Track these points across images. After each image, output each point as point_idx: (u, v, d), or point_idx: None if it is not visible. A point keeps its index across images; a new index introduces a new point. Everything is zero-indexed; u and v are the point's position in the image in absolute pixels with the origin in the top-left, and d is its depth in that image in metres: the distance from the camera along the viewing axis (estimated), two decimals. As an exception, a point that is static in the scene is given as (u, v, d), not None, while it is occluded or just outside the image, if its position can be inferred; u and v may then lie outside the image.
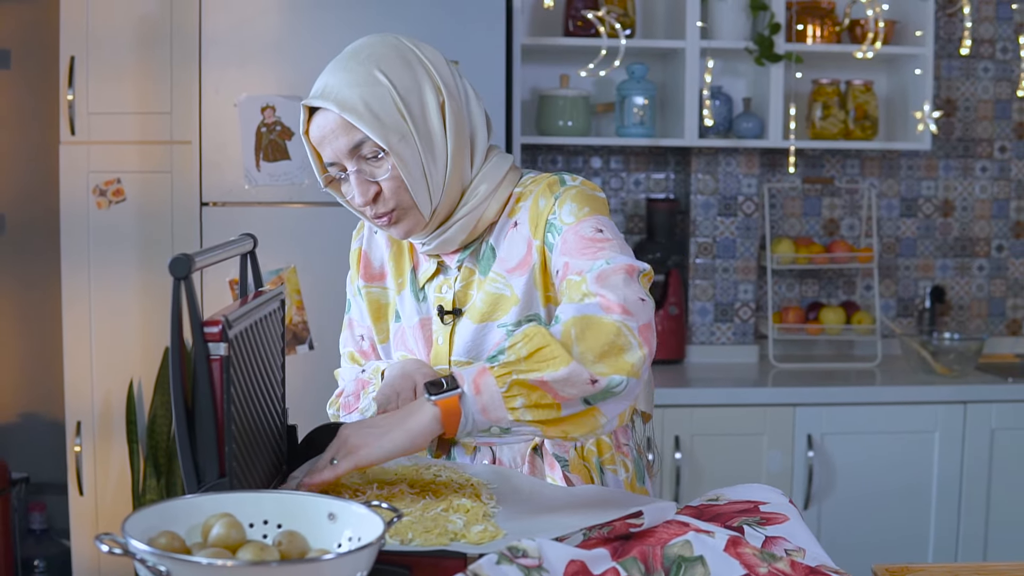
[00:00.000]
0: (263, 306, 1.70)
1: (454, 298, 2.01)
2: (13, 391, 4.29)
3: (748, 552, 1.45)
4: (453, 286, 2.02)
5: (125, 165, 3.79)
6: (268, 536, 1.35)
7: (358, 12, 3.51)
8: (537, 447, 1.99)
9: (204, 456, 1.47)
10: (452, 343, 2.01)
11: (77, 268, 3.78)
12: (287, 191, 3.52)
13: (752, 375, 4.09)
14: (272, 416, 1.73)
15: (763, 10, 4.06)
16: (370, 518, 1.31)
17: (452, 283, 2.02)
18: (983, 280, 4.55)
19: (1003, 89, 4.49)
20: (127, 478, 3.81)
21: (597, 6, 4.05)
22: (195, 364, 1.45)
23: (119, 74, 3.76)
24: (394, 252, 2.10)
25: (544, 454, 1.99)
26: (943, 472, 3.87)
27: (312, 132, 1.91)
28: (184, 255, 1.43)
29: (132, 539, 1.20)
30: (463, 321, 2.00)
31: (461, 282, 2.02)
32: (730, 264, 4.28)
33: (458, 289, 2.01)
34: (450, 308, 2.01)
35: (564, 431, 1.66)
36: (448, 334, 2.01)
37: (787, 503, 1.68)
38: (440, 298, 2.03)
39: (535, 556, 1.35)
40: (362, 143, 1.87)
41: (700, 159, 4.23)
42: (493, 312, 1.97)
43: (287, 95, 3.50)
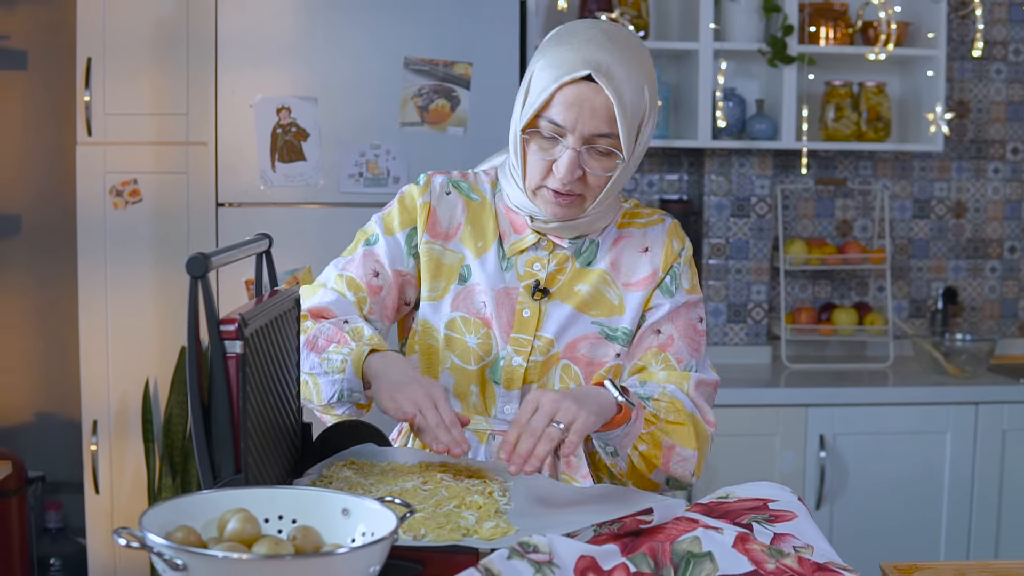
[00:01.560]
0: (278, 305, 1.72)
1: (546, 277, 2.05)
2: (30, 390, 4.32)
3: (756, 548, 1.47)
4: (547, 266, 2.05)
5: (141, 166, 3.81)
6: (283, 531, 1.36)
7: (372, 14, 3.53)
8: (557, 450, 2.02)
9: (220, 452, 1.48)
10: (540, 320, 2.03)
11: (93, 268, 3.80)
12: (302, 192, 3.54)
13: (765, 376, 4.10)
14: (287, 413, 1.75)
15: (776, 12, 4.07)
16: (383, 513, 1.33)
17: (546, 263, 2.05)
18: (995, 281, 4.55)
19: (1016, 91, 4.49)
20: (143, 477, 3.83)
21: (611, 8, 4.06)
22: (211, 361, 1.47)
23: (136, 75, 3.78)
24: (472, 216, 2.09)
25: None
26: (955, 472, 3.88)
27: (569, 92, 1.89)
28: (201, 254, 1.45)
29: (150, 533, 1.22)
30: (556, 303, 2.04)
31: (555, 264, 2.06)
32: (743, 265, 4.29)
33: (551, 270, 2.05)
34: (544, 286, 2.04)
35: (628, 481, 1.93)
36: (537, 310, 2.03)
37: (796, 501, 1.69)
38: (532, 273, 2.05)
39: (546, 551, 1.37)
40: (604, 137, 1.90)
41: (713, 160, 4.24)
42: (595, 308, 2.04)
43: (302, 96, 3.53)
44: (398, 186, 3.53)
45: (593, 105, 1.88)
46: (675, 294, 2.06)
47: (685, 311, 2.06)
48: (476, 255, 2.07)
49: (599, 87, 1.88)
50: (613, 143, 1.90)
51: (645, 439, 1.86)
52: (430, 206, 2.10)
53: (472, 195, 2.11)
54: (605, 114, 1.88)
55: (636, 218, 2.10)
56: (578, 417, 1.70)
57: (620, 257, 2.07)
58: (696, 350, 2.06)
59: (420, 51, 3.55)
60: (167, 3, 3.77)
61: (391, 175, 3.54)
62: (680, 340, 2.04)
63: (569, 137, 1.90)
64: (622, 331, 2.04)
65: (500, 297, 2.04)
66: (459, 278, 2.07)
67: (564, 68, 1.90)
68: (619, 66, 1.90)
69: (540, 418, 1.70)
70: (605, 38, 1.93)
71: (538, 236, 2.06)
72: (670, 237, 2.09)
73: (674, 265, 2.07)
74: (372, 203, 3.52)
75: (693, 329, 2.07)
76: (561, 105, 1.90)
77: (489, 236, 2.08)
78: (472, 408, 2.05)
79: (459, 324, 2.05)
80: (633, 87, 1.90)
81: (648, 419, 1.86)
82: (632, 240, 2.08)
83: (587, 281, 2.05)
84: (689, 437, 1.90)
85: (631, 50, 1.94)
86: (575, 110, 1.89)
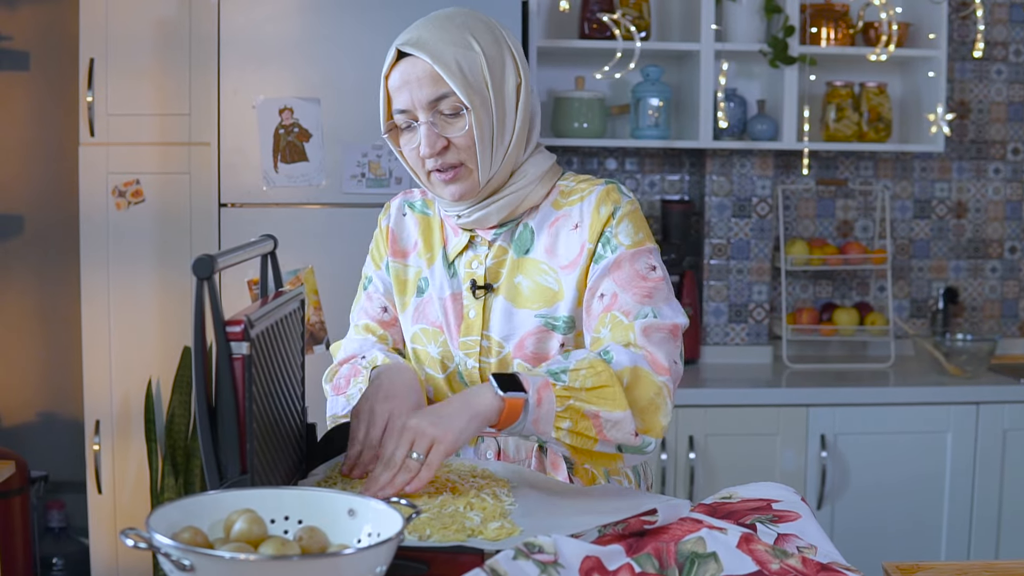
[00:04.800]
0: (283, 306, 1.72)
1: (485, 273, 2.04)
2: (32, 390, 4.33)
3: (760, 549, 1.47)
4: (484, 262, 2.04)
5: (144, 166, 3.81)
6: (289, 532, 1.37)
7: (375, 14, 3.54)
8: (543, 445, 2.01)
9: (226, 453, 1.49)
10: (486, 318, 2.03)
11: (96, 268, 3.81)
12: (305, 192, 3.55)
13: (766, 376, 4.11)
14: (292, 414, 1.76)
15: (777, 13, 4.08)
16: (389, 514, 1.33)
17: (483, 259, 2.05)
18: (996, 281, 4.56)
19: (1016, 91, 4.50)
20: (145, 477, 3.83)
21: (612, 9, 4.07)
22: (218, 363, 1.48)
23: (138, 76, 3.79)
24: (423, 229, 2.13)
25: (548, 452, 2.03)
26: (955, 472, 3.88)
27: (393, 77, 1.95)
28: (207, 256, 1.46)
29: (156, 534, 1.22)
30: (498, 299, 2.03)
31: (493, 259, 2.05)
32: (744, 265, 4.30)
33: (489, 265, 2.04)
34: (482, 283, 2.03)
35: (587, 461, 1.83)
36: (481, 308, 2.03)
37: (799, 501, 1.70)
38: (471, 273, 2.05)
39: (551, 552, 1.38)
40: (444, 97, 1.92)
41: (715, 161, 4.25)
42: (535, 301, 2.01)
43: (305, 97, 3.53)
44: (400, 187, 3.54)
45: (418, 74, 1.92)
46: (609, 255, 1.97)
47: (627, 263, 1.95)
48: (428, 265, 2.10)
49: (415, 58, 1.92)
50: (454, 100, 1.92)
51: (564, 415, 1.74)
52: (390, 229, 2.17)
53: (426, 210, 2.15)
54: (429, 77, 1.91)
55: (573, 195, 2.04)
56: (436, 443, 1.68)
57: (555, 240, 2.02)
58: (648, 296, 1.93)
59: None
60: (169, 4, 3.77)
61: (393, 176, 3.55)
62: (624, 293, 1.93)
63: (417, 114, 1.94)
64: (562, 319, 1.99)
65: (448, 303, 2.06)
66: (417, 290, 2.11)
67: (384, 63, 1.97)
68: (426, 31, 1.94)
69: (399, 451, 1.69)
70: (418, 22, 1.99)
71: (470, 234, 2.06)
72: (598, 205, 1.99)
73: (605, 230, 1.98)
74: (374, 203, 3.52)
75: (640, 278, 1.95)
76: (395, 91, 1.95)
77: (435, 246, 2.11)
78: None
79: (420, 336, 2.08)
80: (452, 44, 1.92)
81: (560, 395, 1.74)
82: (566, 219, 2.02)
83: (525, 272, 2.02)
84: (617, 399, 1.76)
85: (446, 16, 1.97)
86: (404, 88, 1.93)
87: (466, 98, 1.91)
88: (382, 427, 1.81)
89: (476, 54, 1.93)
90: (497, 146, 1.97)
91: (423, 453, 1.67)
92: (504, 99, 1.96)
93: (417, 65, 1.92)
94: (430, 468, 1.68)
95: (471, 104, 1.91)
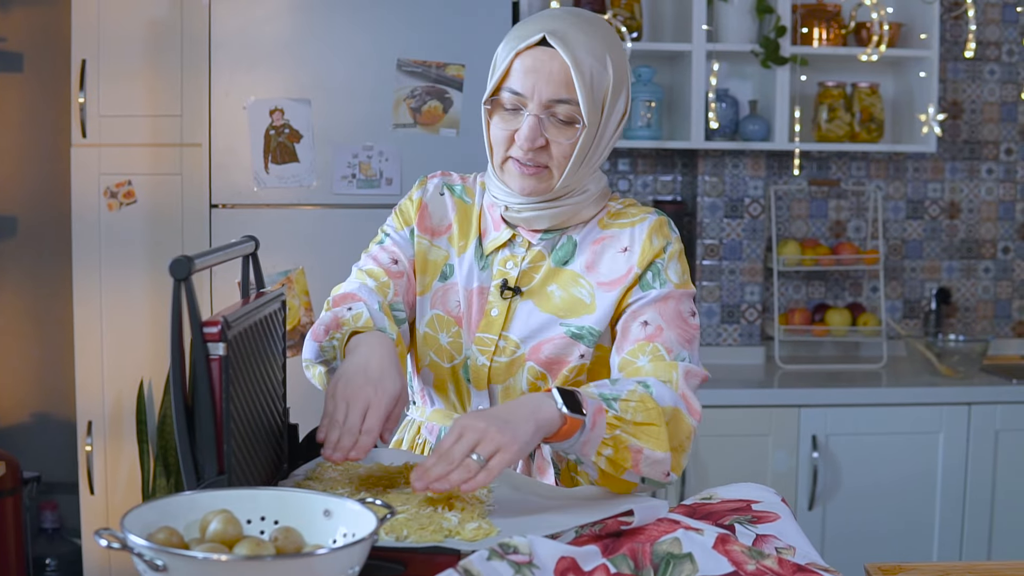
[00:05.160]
0: (264, 307, 1.72)
1: (519, 276, 2.03)
2: (25, 391, 4.33)
3: (736, 549, 1.48)
4: (520, 264, 2.03)
5: (136, 167, 3.82)
6: (265, 532, 1.37)
7: (366, 15, 3.54)
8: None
9: (203, 453, 1.49)
10: (508, 319, 2.02)
11: (88, 269, 3.81)
12: (295, 193, 3.55)
13: (758, 376, 4.11)
14: (273, 414, 1.76)
15: (769, 13, 4.08)
16: (364, 515, 1.34)
17: (519, 261, 2.04)
18: (989, 282, 4.56)
19: (1009, 92, 4.50)
20: (137, 477, 3.84)
21: (604, 9, 4.07)
22: (194, 363, 1.48)
23: (130, 77, 3.79)
24: (461, 216, 2.10)
25: (536, 456, 2.02)
26: (947, 473, 3.88)
27: (526, 58, 1.92)
28: (184, 257, 1.46)
29: (131, 534, 1.23)
30: (526, 303, 2.02)
31: (528, 263, 2.04)
32: (736, 266, 4.30)
33: (524, 268, 2.04)
34: (513, 285, 2.02)
35: (604, 484, 1.80)
36: (505, 309, 2.02)
37: (779, 502, 1.70)
38: (504, 272, 2.04)
39: (526, 553, 1.38)
40: (564, 102, 1.90)
41: (707, 161, 4.25)
42: (564, 310, 2.01)
43: (296, 98, 3.54)
44: (391, 188, 3.54)
45: (550, 69, 1.89)
46: (659, 288, 1.99)
47: (675, 302, 1.99)
48: (459, 253, 2.08)
49: (555, 52, 1.90)
50: (573, 109, 1.91)
51: (609, 443, 1.74)
52: (422, 202, 2.11)
53: (464, 197, 2.12)
54: (562, 78, 1.89)
55: (621, 217, 2.06)
56: (500, 450, 1.62)
57: (598, 258, 2.03)
58: (688, 342, 1.97)
59: (413, 53, 3.55)
60: (161, 5, 3.78)
61: (384, 176, 3.55)
62: (669, 330, 1.96)
63: (529, 104, 1.91)
64: (588, 330, 1.99)
65: (472, 296, 2.04)
66: (441, 275, 2.08)
67: (521, 38, 1.92)
68: (576, 32, 1.91)
69: (460, 447, 1.63)
70: (564, 12, 1.96)
71: (512, 232, 2.04)
72: (651, 234, 2.02)
73: (656, 261, 2.00)
74: (365, 204, 3.53)
75: (683, 321, 1.98)
76: (519, 73, 1.92)
77: (470, 235, 2.08)
78: (450, 405, 2.06)
79: (435, 322, 2.06)
80: (593, 55, 1.91)
81: (611, 423, 1.74)
82: (614, 240, 2.03)
83: (560, 282, 2.02)
84: (661, 439, 1.77)
85: (593, 23, 1.95)
86: (532, 75, 1.90)
87: (586, 114, 1.91)
88: (362, 412, 1.71)
89: (607, 75, 1.93)
90: (585, 164, 1.98)
91: (485, 457, 1.62)
92: (609, 125, 1.97)
93: (555, 60, 1.90)
94: (489, 473, 1.61)
95: (588, 121, 1.91)
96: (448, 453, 1.62)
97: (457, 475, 1.60)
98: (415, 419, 2.13)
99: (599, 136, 1.96)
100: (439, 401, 2.08)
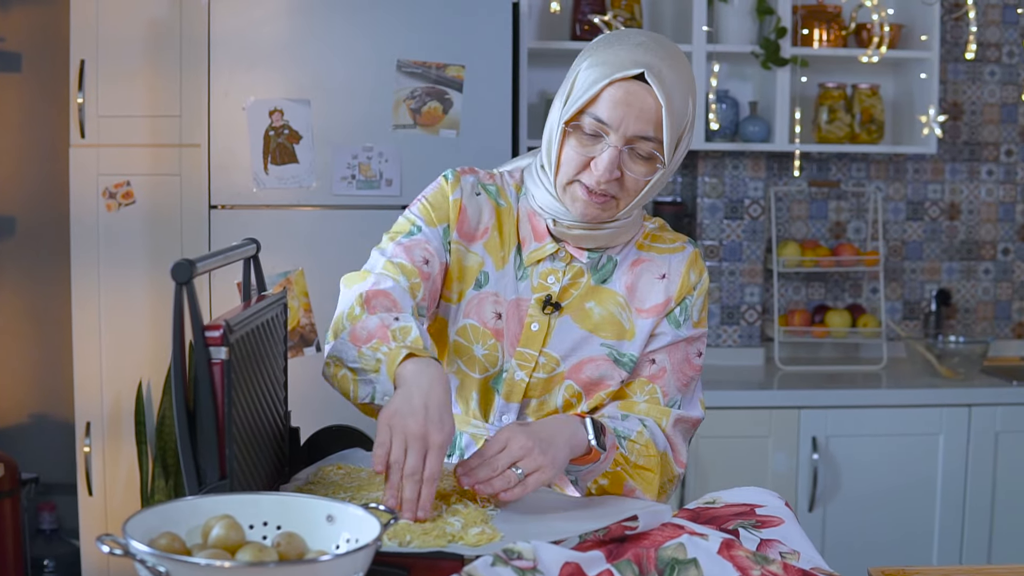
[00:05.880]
0: (266, 310, 1.72)
1: (560, 291, 2.01)
2: (23, 392, 4.32)
3: (741, 555, 1.47)
4: (561, 279, 2.02)
5: (135, 168, 3.81)
6: (267, 537, 1.37)
7: (365, 16, 3.53)
8: None
9: (205, 458, 1.49)
10: (548, 334, 2.00)
11: (87, 270, 3.80)
12: (295, 194, 3.54)
13: (758, 377, 4.10)
14: (274, 419, 1.76)
15: (769, 14, 4.07)
16: (368, 520, 1.33)
17: (560, 276, 2.02)
18: (989, 283, 4.56)
19: (1009, 93, 4.49)
20: (136, 479, 3.83)
21: (604, 10, 4.06)
22: (196, 368, 1.47)
23: (129, 77, 3.78)
24: (499, 224, 2.05)
25: None
26: (947, 475, 3.88)
27: (618, 90, 1.87)
28: (186, 260, 1.46)
29: (133, 540, 1.22)
30: (566, 319, 2.01)
31: (569, 279, 2.02)
32: (736, 267, 4.30)
33: (565, 284, 2.02)
34: (555, 300, 2.00)
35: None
36: (546, 324, 2.00)
37: (783, 506, 1.70)
38: (545, 286, 2.01)
39: (530, 558, 1.37)
40: (649, 140, 1.88)
41: (707, 162, 4.24)
42: (605, 331, 2.01)
43: (295, 99, 3.53)
44: (391, 189, 3.53)
45: (642, 106, 1.86)
46: (681, 326, 2.02)
47: (685, 345, 2.03)
48: (497, 265, 2.02)
49: (649, 88, 1.87)
50: (656, 147, 1.89)
51: (608, 475, 1.86)
52: (461, 203, 2.02)
53: (499, 199, 2.06)
54: (652, 116, 1.87)
55: (658, 242, 2.06)
56: (539, 470, 1.69)
57: (637, 281, 2.02)
58: (685, 385, 2.03)
59: (413, 53, 3.55)
60: (160, 5, 3.77)
61: (383, 177, 3.54)
62: (671, 374, 2.01)
63: (612, 135, 1.87)
64: (629, 357, 2.00)
65: (511, 308, 2.00)
66: (475, 283, 2.02)
67: (616, 66, 1.87)
68: (670, 71, 1.88)
69: (504, 458, 1.69)
70: (656, 44, 1.91)
71: (556, 246, 2.01)
72: (688, 267, 2.04)
73: (687, 297, 2.03)
74: (365, 205, 3.52)
75: (688, 364, 2.03)
76: (609, 102, 1.87)
77: (509, 245, 2.03)
78: (469, 412, 2.04)
79: (469, 332, 2.00)
80: (681, 94, 1.89)
81: (616, 460, 1.86)
82: (652, 265, 2.03)
83: (600, 301, 2.01)
84: (652, 485, 1.89)
85: (680, 60, 1.93)
86: (623, 108, 1.86)
87: (667, 155, 1.90)
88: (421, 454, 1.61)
89: (688, 118, 1.93)
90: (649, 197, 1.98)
91: (525, 473, 1.68)
92: (675, 162, 1.96)
93: (649, 97, 1.86)
94: (525, 489, 1.68)
95: (664, 161, 1.90)
96: (493, 461, 1.70)
97: (499, 483, 1.68)
98: None
99: (670, 170, 1.96)
100: (457, 406, 2.05)
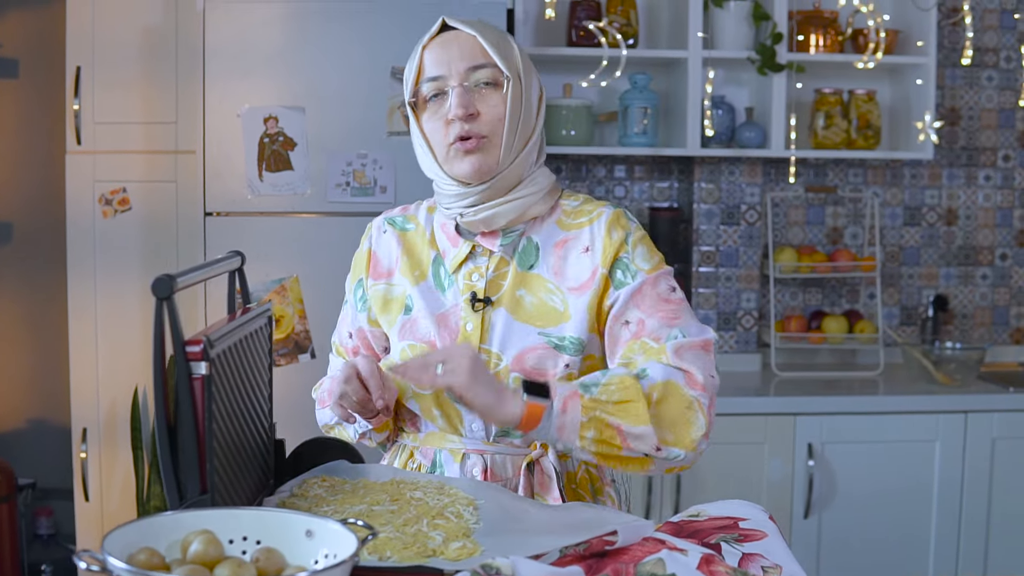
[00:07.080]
0: (249, 323, 1.72)
1: (486, 286, 2.03)
2: (20, 397, 4.33)
3: (721, 570, 1.47)
4: (485, 275, 2.03)
5: (130, 174, 3.82)
6: (247, 552, 1.37)
7: (360, 22, 3.54)
8: (532, 463, 2.00)
9: (186, 473, 1.49)
10: (484, 331, 2.01)
11: (83, 276, 3.81)
12: (289, 201, 3.55)
13: (754, 384, 4.10)
14: (258, 432, 1.76)
15: (765, 20, 4.07)
16: (345, 535, 1.33)
17: (484, 271, 2.04)
18: (986, 289, 4.55)
19: (1007, 98, 4.49)
20: (132, 484, 3.83)
21: (600, 16, 4.06)
22: (177, 382, 1.47)
23: (124, 84, 3.79)
24: (407, 248, 2.12)
25: (536, 471, 2.01)
26: (944, 482, 3.87)
27: (433, 46, 2.00)
28: (167, 276, 1.46)
29: (110, 556, 1.22)
30: (498, 312, 2.02)
31: (493, 271, 2.04)
32: (733, 273, 4.29)
33: (490, 278, 2.03)
34: (483, 296, 2.02)
35: (617, 466, 1.87)
36: (479, 321, 2.01)
37: (767, 520, 1.69)
38: (471, 285, 2.03)
39: (508, 574, 1.37)
40: (483, 67, 1.97)
41: (703, 168, 4.24)
42: (539, 319, 2.00)
43: (289, 106, 3.53)
44: (385, 196, 3.53)
45: (459, 44, 1.98)
46: (631, 281, 1.99)
47: (649, 288, 1.99)
48: (414, 283, 2.08)
49: (459, 31, 1.99)
50: (493, 72, 1.97)
51: (588, 425, 1.79)
52: (370, 251, 2.16)
53: (407, 226, 2.15)
54: (473, 48, 1.98)
55: (580, 216, 2.06)
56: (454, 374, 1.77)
57: (564, 261, 2.03)
58: (675, 317, 1.96)
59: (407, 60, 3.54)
60: (155, 13, 3.78)
61: (378, 184, 3.55)
62: (650, 318, 1.96)
63: (449, 80, 1.97)
64: (569, 340, 1.99)
65: (441, 320, 2.04)
66: (404, 309, 2.08)
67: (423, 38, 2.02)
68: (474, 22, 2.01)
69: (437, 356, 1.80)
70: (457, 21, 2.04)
71: (471, 244, 2.05)
72: (609, 229, 2.02)
73: (620, 256, 2.00)
74: (359, 212, 3.52)
75: (662, 301, 1.98)
76: (430, 59, 2.00)
77: (425, 261, 2.10)
78: (441, 428, 2.05)
79: (407, 353, 2.05)
80: (496, 32, 2.01)
81: (587, 406, 1.80)
82: (576, 241, 2.04)
83: (530, 289, 2.02)
84: (637, 414, 1.80)
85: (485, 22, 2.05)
86: (443, 54, 1.99)
87: (506, 69, 1.96)
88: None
89: (514, 48, 2.02)
90: (522, 130, 2.01)
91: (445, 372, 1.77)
92: (531, 92, 2.02)
93: (461, 36, 1.99)
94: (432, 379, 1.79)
95: (510, 74, 1.97)
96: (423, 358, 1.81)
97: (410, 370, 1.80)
98: (407, 444, 2.10)
99: (526, 99, 2.00)
100: (430, 425, 2.07)
